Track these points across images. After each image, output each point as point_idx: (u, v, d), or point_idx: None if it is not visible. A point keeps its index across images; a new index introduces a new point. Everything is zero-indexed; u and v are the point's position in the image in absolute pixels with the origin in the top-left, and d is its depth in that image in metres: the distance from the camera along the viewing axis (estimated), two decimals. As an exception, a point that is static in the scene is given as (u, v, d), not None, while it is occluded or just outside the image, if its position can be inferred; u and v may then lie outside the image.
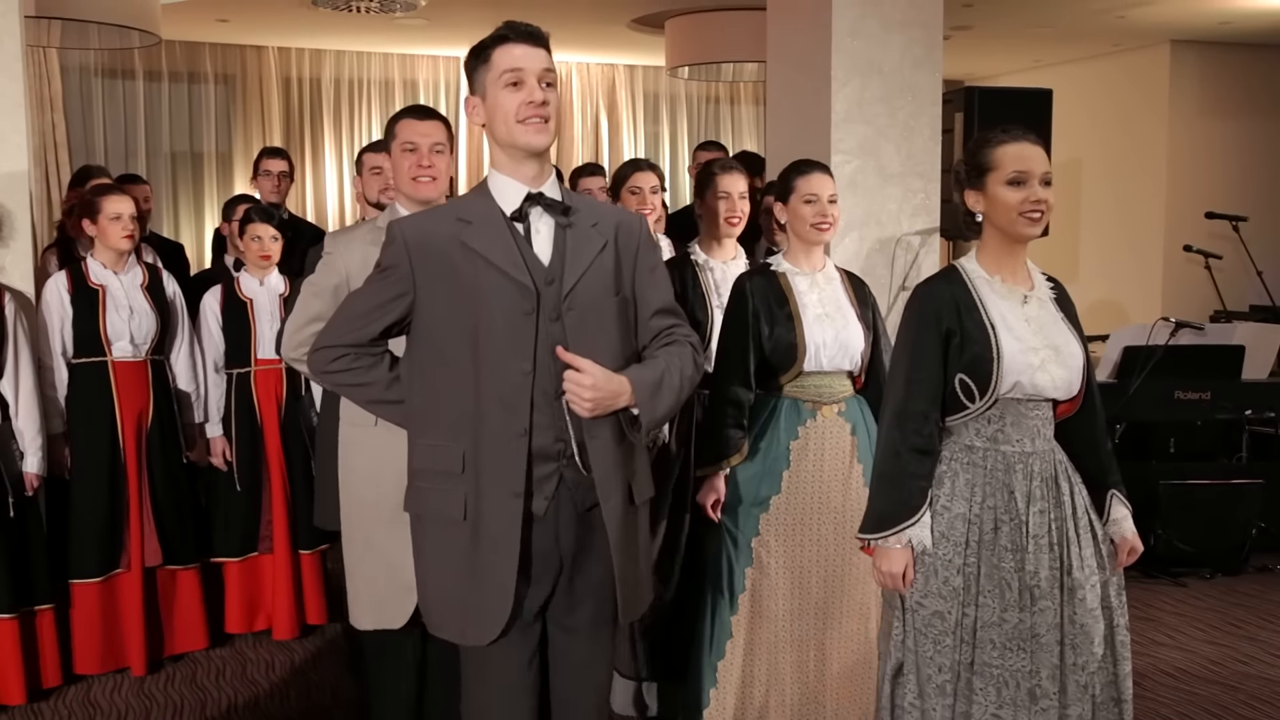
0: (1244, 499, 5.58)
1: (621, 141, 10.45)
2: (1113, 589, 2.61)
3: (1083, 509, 2.58)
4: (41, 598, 3.99)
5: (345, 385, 2.42)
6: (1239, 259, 7.25)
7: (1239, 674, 4.39)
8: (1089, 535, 2.58)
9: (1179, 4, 7.66)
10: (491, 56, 2.28)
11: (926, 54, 5.20)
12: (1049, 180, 2.52)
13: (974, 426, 2.57)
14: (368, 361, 2.38)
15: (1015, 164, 2.52)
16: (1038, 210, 2.51)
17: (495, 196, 2.33)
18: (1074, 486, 2.59)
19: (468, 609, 2.31)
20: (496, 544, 2.27)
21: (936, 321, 2.55)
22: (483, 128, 2.33)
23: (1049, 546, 2.52)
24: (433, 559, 2.36)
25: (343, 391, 2.49)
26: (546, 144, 2.32)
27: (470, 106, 2.31)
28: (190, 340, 4.43)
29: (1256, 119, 9.17)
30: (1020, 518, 2.52)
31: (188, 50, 9.14)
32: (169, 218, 9.19)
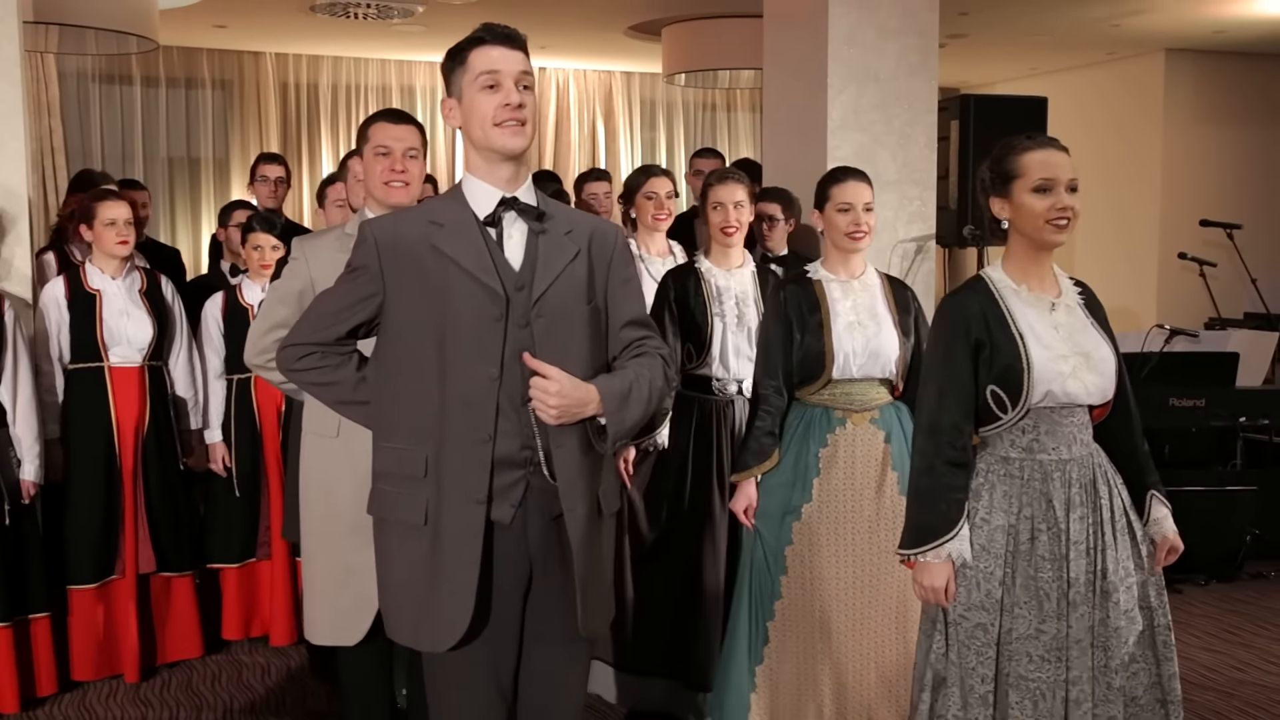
0: (1238, 506, 5.59)
1: (618, 148, 10.46)
2: (1152, 589, 2.60)
3: (1120, 510, 2.58)
4: (37, 606, 3.98)
5: (312, 384, 2.41)
6: (1233, 266, 7.28)
7: (1234, 680, 4.40)
8: (1126, 536, 2.57)
9: (1173, 13, 7.69)
10: (468, 58, 2.27)
11: (922, 62, 5.22)
12: (1075, 187, 2.51)
13: (1009, 437, 2.55)
14: (335, 360, 2.37)
15: (1041, 171, 2.51)
16: (1064, 217, 2.50)
17: (469, 200, 2.30)
18: (1113, 489, 2.58)
19: (425, 614, 2.28)
20: (458, 550, 2.25)
21: (965, 333, 2.54)
22: (460, 127, 2.32)
23: (1086, 551, 2.52)
24: (393, 562, 2.33)
25: (310, 390, 2.46)
26: (523, 147, 2.29)
27: (447, 109, 2.32)
28: (188, 346, 4.43)
29: (1251, 127, 9.20)
30: (1059, 526, 2.51)
31: (185, 56, 9.15)
32: (166, 223, 9.19)
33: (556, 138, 10.27)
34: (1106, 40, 8.64)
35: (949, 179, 5.68)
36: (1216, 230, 7.40)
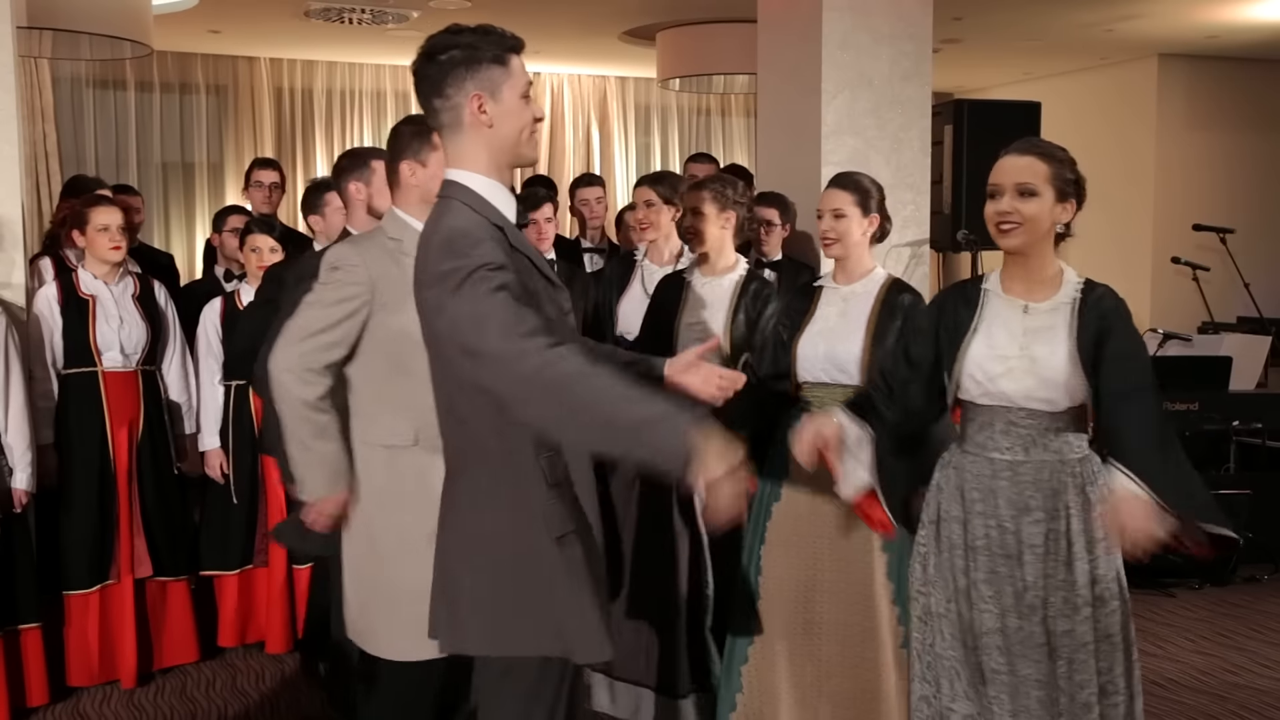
0: (1231, 510, 5.59)
1: (613, 153, 10.47)
2: (1115, 619, 2.57)
3: (1092, 527, 2.54)
4: (27, 616, 3.95)
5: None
6: (1226, 271, 7.29)
7: (1228, 684, 4.40)
8: (1088, 556, 2.54)
9: (1166, 18, 7.72)
10: (510, 63, 2.24)
11: (916, 67, 5.23)
12: (1026, 190, 2.51)
13: (969, 431, 2.63)
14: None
15: (992, 177, 2.57)
16: (1004, 221, 2.53)
17: (494, 203, 2.25)
18: (1089, 502, 2.54)
19: (587, 625, 2.23)
20: (599, 555, 2.32)
21: (939, 309, 2.69)
22: (489, 128, 2.21)
23: (1044, 557, 2.53)
24: (580, 576, 2.23)
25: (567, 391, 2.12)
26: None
27: (478, 102, 2.19)
28: (182, 351, 4.43)
29: (1243, 132, 9.22)
30: (1006, 526, 2.55)
31: (179, 61, 9.14)
32: (160, 228, 9.18)
33: (551, 142, 10.27)
34: (1100, 45, 8.66)
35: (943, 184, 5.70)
36: (1209, 234, 7.42)
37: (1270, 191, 9.28)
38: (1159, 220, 8.95)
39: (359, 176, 3.45)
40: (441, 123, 2.24)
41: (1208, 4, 7.34)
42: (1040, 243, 2.55)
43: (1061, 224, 2.55)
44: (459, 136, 2.24)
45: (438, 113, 2.24)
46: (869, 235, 3.29)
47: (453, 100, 2.22)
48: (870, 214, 3.28)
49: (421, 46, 2.26)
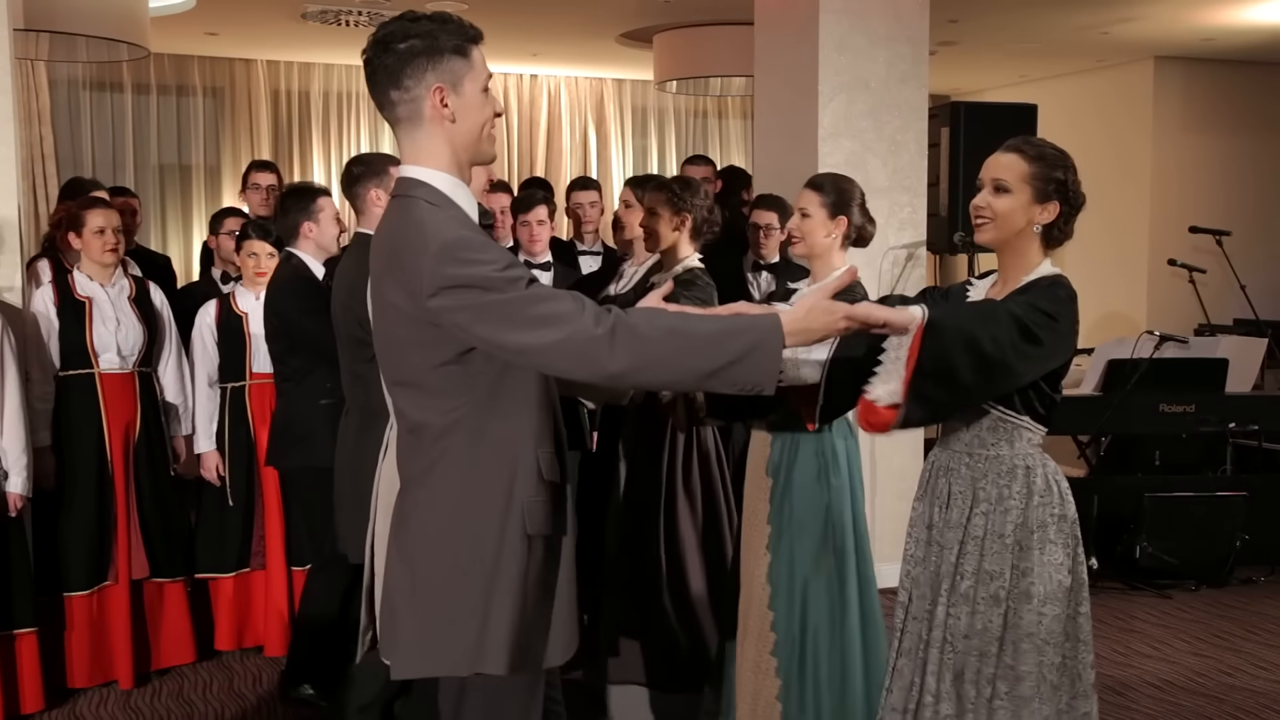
0: (1228, 511, 5.61)
1: (610, 155, 10.48)
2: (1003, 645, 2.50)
3: (975, 528, 2.52)
4: (23, 620, 3.93)
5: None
6: (1222, 273, 7.30)
7: (1224, 686, 4.41)
8: (979, 556, 2.51)
9: (1162, 21, 7.73)
10: (472, 55, 2.16)
11: (913, 69, 5.24)
12: (1000, 186, 2.51)
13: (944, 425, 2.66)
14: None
15: (981, 171, 2.58)
16: (978, 216, 2.55)
17: (458, 202, 2.17)
18: (1006, 509, 2.50)
19: (564, 628, 2.24)
20: (572, 556, 2.29)
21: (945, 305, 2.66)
22: (451, 122, 2.15)
23: (955, 546, 2.54)
24: (563, 578, 2.24)
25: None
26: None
27: (439, 94, 2.12)
28: (178, 352, 4.43)
29: (1239, 134, 9.24)
30: (941, 516, 2.58)
31: (176, 63, 9.14)
32: (157, 230, 9.17)
33: (548, 145, 10.28)
34: (1096, 47, 8.67)
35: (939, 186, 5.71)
36: (1206, 237, 7.43)
37: (1266, 194, 9.30)
38: (1155, 222, 8.96)
39: (379, 183, 3.42)
40: (398, 116, 2.15)
41: (1204, 7, 7.35)
42: (1015, 240, 2.53)
43: (1039, 225, 2.50)
44: (417, 131, 2.15)
45: (394, 105, 2.14)
46: (835, 238, 3.21)
47: (412, 93, 2.12)
48: (839, 216, 3.21)
49: (374, 34, 2.15)
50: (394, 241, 2.11)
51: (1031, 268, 2.54)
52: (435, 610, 2.14)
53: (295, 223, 4.06)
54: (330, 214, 4.06)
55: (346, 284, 3.31)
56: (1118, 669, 4.56)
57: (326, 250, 4.04)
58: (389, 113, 2.16)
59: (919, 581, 2.61)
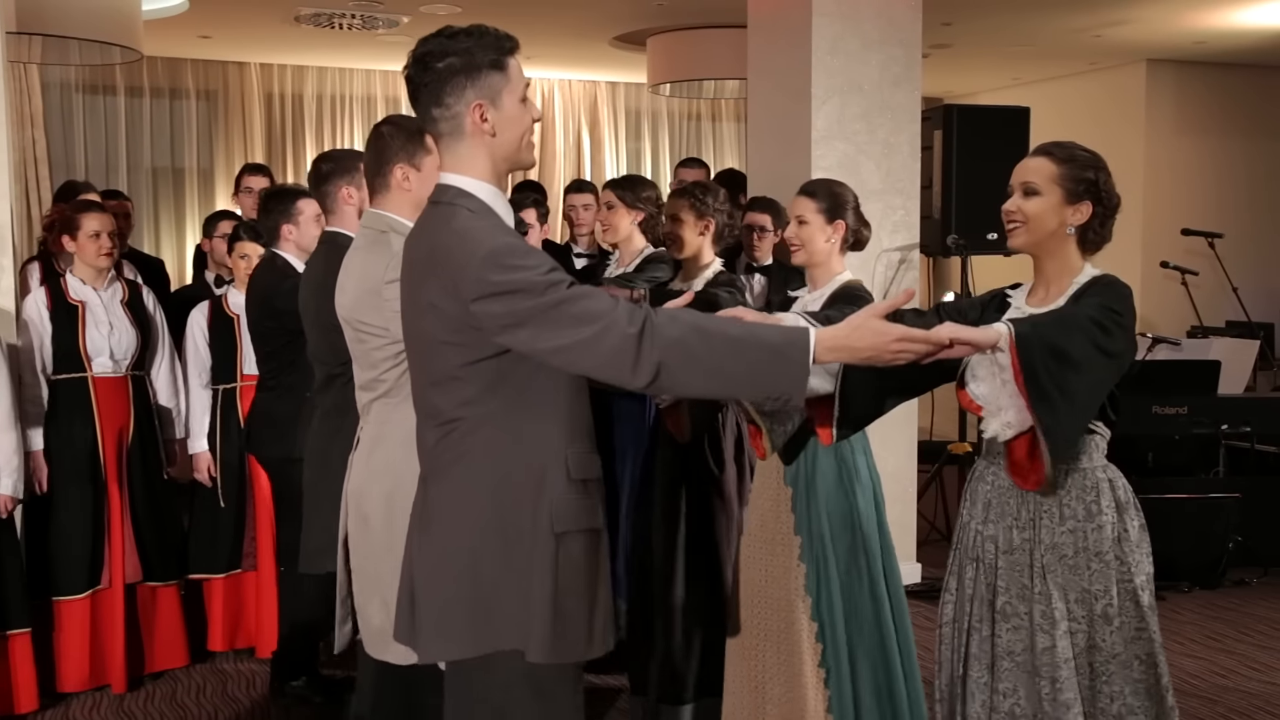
0: (1221, 513, 5.62)
1: (603, 158, 10.48)
2: (1092, 654, 2.46)
3: (1064, 546, 2.46)
4: (16, 621, 3.94)
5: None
6: (1215, 275, 7.32)
7: (1218, 687, 4.42)
8: (1059, 577, 2.46)
9: (1154, 24, 7.75)
10: (509, 66, 2.19)
11: (906, 72, 5.25)
12: (1030, 189, 2.50)
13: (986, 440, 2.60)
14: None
15: (1011, 177, 2.56)
16: (1009, 220, 2.53)
17: (496, 210, 2.21)
18: (1054, 527, 2.47)
19: (597, 620, 2.26)
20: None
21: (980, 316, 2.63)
22: (492, 136, 2.18)
23: (1006, 567, 2.51)
24: (601, 574, 2.26)
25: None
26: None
27: (479, 110, 2.15)
28: (171, 356, 4.43)
29: (1232, 137, 9.26)
30: (1013, 535, 2.52)
31: (169, 66, 9.13)
32: (150, 234, 9.16)
33: (542, 148, 10.26)
34: (1088, 50, 8.69)
35: (933, 188, 5.72)
36: (1198, 239, 7.45)
37: (1258, 196, 9.32)
38: (1148, 225, 8.97)
39: (350, 180, 3.37)
40: (440, 131, 2.19)
41: (1196, 10, 7.37)
42: (1048, 243, 2.51)
43: (1073, 226, 2.50)
44: (459, 144, 2.19)
45: (436, 121, 2.18)
46: (835, 243, 3.21)
47: (452, 109, 2.16)
48: (836, 221, 3.21)
49: (414, 51, 2.18)
50: (437, 247, 2.14)
51: (1075, 271, 2.53)
52: (462, 596, 2.16)
53: (275, 224, 4.10)
54: (310, 215, 4.06)
55: (316, 282, 3.20)
56: (1111, 671, 4.56)
57: (307, 251, 4.04)
58: (431, 127, 2.20)
59: (1005, 611, 2.50)
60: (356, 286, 2.80)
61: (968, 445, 6.08)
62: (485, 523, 2.16)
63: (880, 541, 3.16)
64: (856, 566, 3.10)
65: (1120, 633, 2.43)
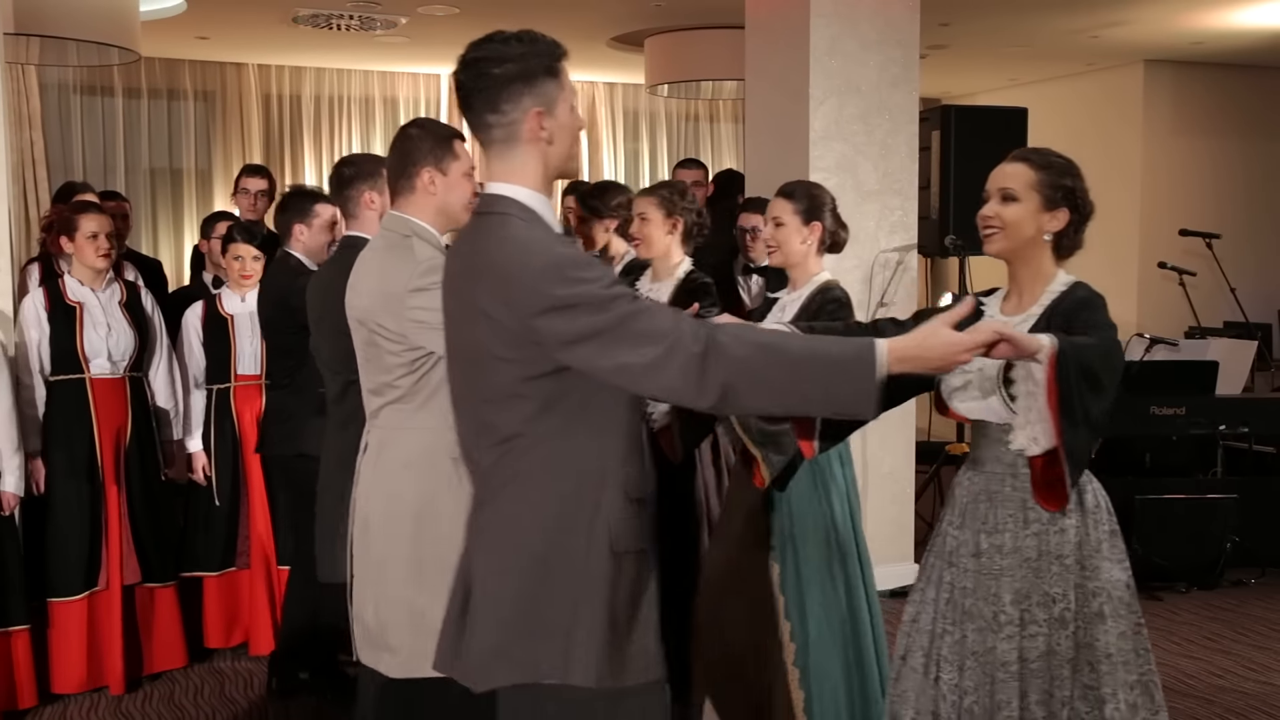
0: (1219, 513, 5.62)
1: (601, 159, 10.48)
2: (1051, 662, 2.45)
3: (1027, 549, 2.46)
4: (16, 618, 3.96)
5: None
6: (1213, 276, 7.32)
7: (1215, 687, 4.42)
8: (1015, 581, 2.46)
9: (1152, 24, 7.75)
10: (562, 73, 2.15)
11: (904, 73, 5.25)
12: (1008, 195, 2.49)
13: (972, 446, 2.60)
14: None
15: (987, 183, 2.55)
16: (986, 226, 2.52)
17: (548, 220, 2.14)
18: (1037, 526, 2.47)
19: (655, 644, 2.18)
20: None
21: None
22: (548, 144, 2.12)
23: (977, 569, 2.50)
24: (653, 595, 2.16)
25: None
26: None
27: (538, 118, 2.10)
28: (169, 357, 4.43)
29: (1229, 138, 9.27)
30: (997, 540, 2.51)
31: (167, 67, 9.13)
32: (148, 235, 9.16)
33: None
34: (1086, 51, 8.70)
35: (930, 189, 5.72)
36: (1196, 240, 7.45)
37: (1255, 196, 9.33)
38: (1145, 225, 8.98)
39: (373, 185, 3.33)
40: (493, 138, 2.11)
41: (1193, 10, 7.38)
42: (1025, 250, 2.51)
43: (1050, 232, 2.49)
44: (512, 151, 2.11)
45: (490, 127, 2.10)
46: (811, 244, 3.23)
47: (509, 116, 2.09)
48: (813, 222, 3.23)
49: (466, 56, 2.11)
50: (493, 259, 2.05)
51: (1049, 278, 2.52)
52: (519, 619, 2.08)
53: (288, 222, 4.09)
54: (325, 220, 4.05)
55: (332, 288, 3.13)
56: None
57: (313, 254, 4.04)
58: (483, 134, 2.12)
59: (971, 613, 2.50)
60: (377, 289, 2.74)
61: (965, 446, 6.08)
62: (544, 543, 2.07)
63: (856, 546, 3.17)
64: (831, 570, 3.11)
65: (1074, 638, 2.43)
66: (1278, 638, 4.97)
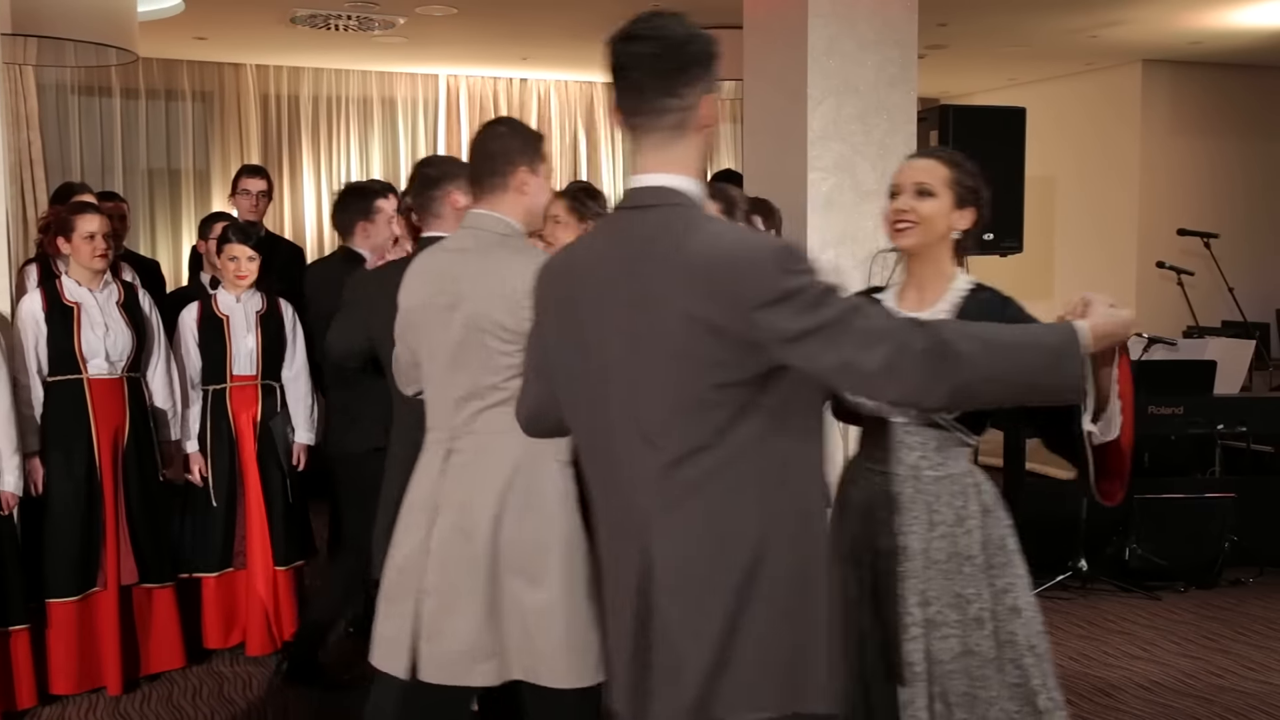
0: (1217, 513, 5.62)
1: (600, 159, 10.48)
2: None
3: (937, 552, 2.45)
4: (15, 618, 3.96)
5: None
6: (1211, 275, 7.33)
7: (1213, 687, 4.42)
8: (920, 583, 2.45)
9: (1150, 24, 7.76)
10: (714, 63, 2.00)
11: (902, 73, 5.25)
12: (924, 190, 2.49)
13: (865, 444, 2.57)
14: None
15: (893, 179, 2.56)
16: (901, 220, 2.51)
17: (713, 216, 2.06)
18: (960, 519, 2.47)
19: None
20: None
21: None
22: (708, 131, 2.00)
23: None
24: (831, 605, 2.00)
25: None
26: None
27: (711, 104, 1.96)
28: (166, 357, 4.42)
29: (1228, 137, 9.27)
30: (902, 541, 2.50)
31: (165, 68, 9.13)
32: (146, 235, 9.15)
33: (538, 149, 10.27)
34: (1084, 51, 8.70)
35: (928, 189, 5.70)
36: (1194, 239, 7.46)
37: (1253, 196, 9.34)
38: (1144, 225, 8.99)
39: (458, 186, 3.26)
40: (663, 124, 1.94)
41: (1191, 10, 7.38)
42: (935, 246, 2.51)
43: (959, 230, 2.50)
44: (678, 140, 1.95)
45: (661, 113, 1.93)
46: None
47: (686, 101, 1.93)
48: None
49: (638, 33, 1.93)
50: (695, 251, 1.85)
51: (950, 277, 2.52)
52: (752, 648, 1.89)
53: (351, 220, 4.07)
54: (387, 214, 4.07)
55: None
56: (1107, 670, 4.57)
57: (379, 250, 4.01)
58: (649, 120, 1.95)
59: (876, 619, 2.48)
60: (494, 289, 2.64)
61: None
62: (764, 566, 1.88)
63: None
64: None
65: (994, 636, 2.43)
66: (1276, 637, 4.97)
